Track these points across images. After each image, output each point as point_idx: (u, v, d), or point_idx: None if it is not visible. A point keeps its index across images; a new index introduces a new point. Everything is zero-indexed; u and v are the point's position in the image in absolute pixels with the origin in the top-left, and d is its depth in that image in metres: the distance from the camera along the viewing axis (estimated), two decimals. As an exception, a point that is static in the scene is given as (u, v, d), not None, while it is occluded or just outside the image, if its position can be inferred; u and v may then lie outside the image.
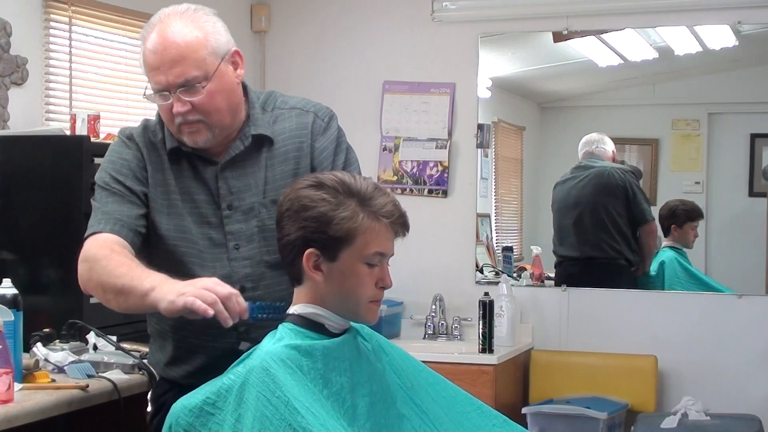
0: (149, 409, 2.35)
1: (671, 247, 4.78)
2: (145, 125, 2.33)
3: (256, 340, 2.01)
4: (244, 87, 2.31)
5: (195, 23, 2.19)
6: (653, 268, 4.74)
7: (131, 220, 2.20)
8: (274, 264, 2.19)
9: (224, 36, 2.23)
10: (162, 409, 2.25)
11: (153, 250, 2.26)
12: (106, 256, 2.10)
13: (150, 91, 2.21)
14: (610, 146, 4.83)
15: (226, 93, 2.21)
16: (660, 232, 4.77)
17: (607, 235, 4.76)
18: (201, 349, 2.24)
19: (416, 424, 1.97)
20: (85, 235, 2.19)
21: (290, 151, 2.26)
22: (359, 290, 1.93)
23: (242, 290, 2.19)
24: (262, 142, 2.26)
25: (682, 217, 4.77)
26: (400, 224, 1.95)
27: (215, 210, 2.24)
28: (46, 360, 2.76)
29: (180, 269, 2.21)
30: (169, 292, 1.94)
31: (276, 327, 1.99)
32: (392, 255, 1.98)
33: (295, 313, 1.97)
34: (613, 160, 4.83)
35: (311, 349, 1.88)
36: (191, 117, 2.19)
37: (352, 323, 2.01)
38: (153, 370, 2.43)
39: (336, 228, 1.89)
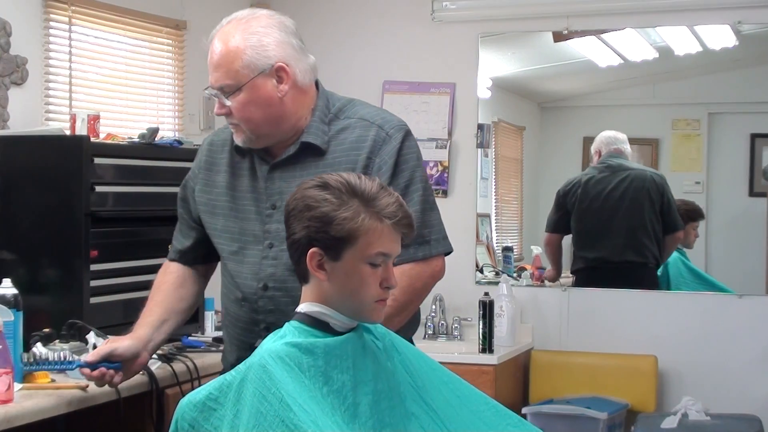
0: None
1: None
2: (222, 128, 2.46)
3: None
4: (319, 92, 2.38)
5: (243, 33, 2.26)
6: (658, 269, 4.74)
7: (189, 248, 2.52)
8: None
9: (271, 50, 2.27)
10: None
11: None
12: (154, 287, 2.55)
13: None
14: (629, 145, 4.83)
15: (260, 105, 2.28)
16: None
17: (649, 239, 4.74)
18: (235, 341, 2.40)
19: (425, 422, 1.98)
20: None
21: (342, 163, 2.29)
22: (362, 290, 1.94)
23: (265, 288, 2.30)
24: (311, 150, 2.32)
25: (684, 218, 4.77)
26: (404, 225, 1.95)
27: (260, 208, 2.34)
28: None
29: (223, 264, 2.43)
30: None
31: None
32: (398, 255, 1.98)
33: (301, 311, 1.99)
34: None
35: (312, 347, 1.89)
36: (230, 120, 2.32)
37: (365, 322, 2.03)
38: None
39: (338, 228, 1.90)
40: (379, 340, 2.04)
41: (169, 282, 2.53)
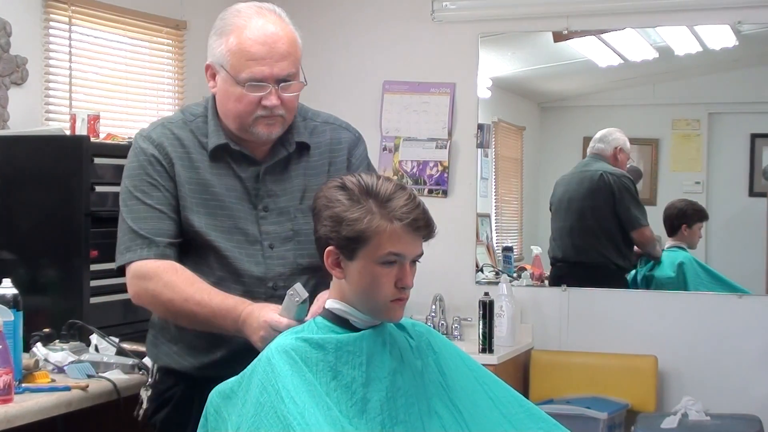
0: (145, 406, 2.37)
1: (679, 247, 4.77)
2: (163, 122, 2.34)
3: None
4: None
5: (289, 23, 2.27)
6: (672, 270, 4.72)
7: (165, 238, 2.23)
8: (306, 267, 2.28)
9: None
10: (167, 404, 2.29)
11: (193, 243, 2.26)
12: (167, 272, 2.19)
13: (245, 79, 2.20)
14: (611, 144, 4.80)
15: (298, 94, 2.29)
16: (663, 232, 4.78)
17: (596, 240, 4.77)
18: (222, 341, 2.23)
19: (447, 422, 2.00)
20: (126, 261, 2.22)
21: (324, 165, 2.33)
22: (376, 290, 1.97)
23: (275, 288, 2.27)
24: (302, 149, 2.34)
25: (694, 218, 4.76)
26: (418, 227, 1.96)
27: (250, 209, 2.28)
28: (46, 360, 2.76)
29: (223, 262, 2.25)
30: (251, 334, 2.08)
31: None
32: (417, 255, 1.99)
33: (326, 307, 2.03)
34: (615, 158, 4.81)
35: (323, 342, 1.94)
36: (277, 111, 2.23)
37: (404, 321, 2.06)
38: (150, 364, 2.44)
39: (348, 228, 1.94)
40: (413, 338, 2.08)
41: (191, 276, 2.25)
